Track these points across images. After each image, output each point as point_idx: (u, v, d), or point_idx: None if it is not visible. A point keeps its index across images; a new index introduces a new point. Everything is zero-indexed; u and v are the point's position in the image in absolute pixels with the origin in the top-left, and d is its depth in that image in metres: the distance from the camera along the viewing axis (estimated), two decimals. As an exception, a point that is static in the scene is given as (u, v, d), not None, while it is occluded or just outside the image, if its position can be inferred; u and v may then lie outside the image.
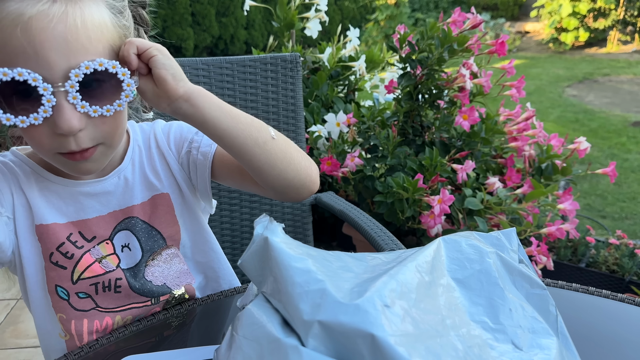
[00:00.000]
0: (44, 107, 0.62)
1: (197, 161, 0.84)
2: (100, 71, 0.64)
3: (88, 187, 0.79)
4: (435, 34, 1.72)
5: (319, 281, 0.49)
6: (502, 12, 11.96)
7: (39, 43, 0.60)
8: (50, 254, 0.77)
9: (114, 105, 0.66)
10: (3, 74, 0.59)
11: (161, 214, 0.84)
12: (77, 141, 0.66)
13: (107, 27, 0.67)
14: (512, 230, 0.67)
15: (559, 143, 1.84)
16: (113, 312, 0.81)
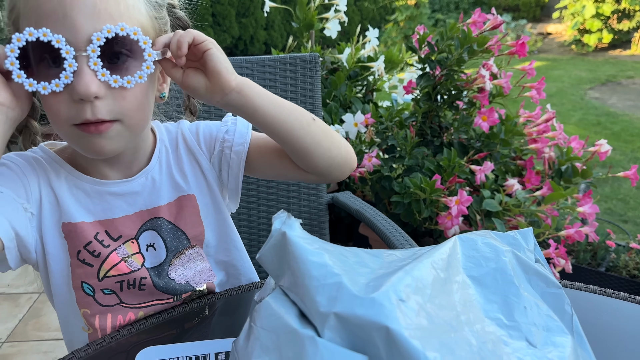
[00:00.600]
0: (65, 73, 0.63)
1: (230, 160, 0.86)
2: (122, 38, 0.64)
3: (116, 187, 0.79)
4: (455, 35, 1.72)
5: (336, 275, 0.50)
6: (524, 13, 11.83)
7: (69, 4, 0.62)
8: (77, 252, 0.78)
9: (135, 76, 0.66)
10: (29, 34, 0.61)
11: (187, 214, 0.85)
12: (94, 110, 0.65)
13: (140, 11, 0.69)
14: (529, 230, 0.67)
15: (580, 145, 1.82)
16: (136, 308, 0.83)
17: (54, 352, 2.04)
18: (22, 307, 2.29)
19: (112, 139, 0.70)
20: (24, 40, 0.61)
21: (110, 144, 0.70)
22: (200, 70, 0.72)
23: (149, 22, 0.70)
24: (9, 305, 2.31)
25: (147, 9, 0.70)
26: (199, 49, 0.70)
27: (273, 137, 0.80)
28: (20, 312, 2.26)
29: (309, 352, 0.44)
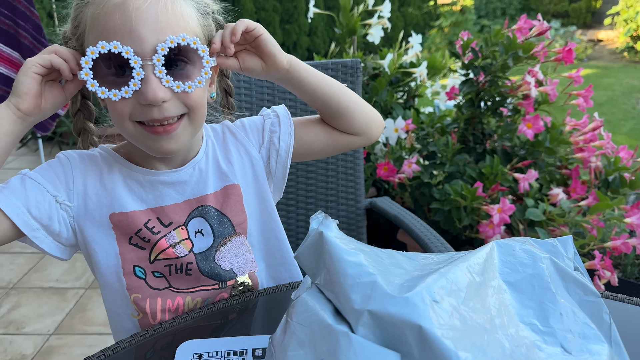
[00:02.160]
0: (134, 80, 0.70)
1: (279, 148, 0.93)
2: (183, 48, 0.72)
3: (166, 176, 0.85)
4: (500, 41, 1.70)
5: (370, 274, 0.51)
6: (574, 19, 11.49)
7: (134, 19, 0.69)
8: (129, 238, 0.84)
9: (195, 82, 0.74)
10: (101, 47, 0.69)
11: (232, 202, 0.90)
12: (162, 110, 0.73)
13: (193, 20, 0.76)
14: (569, 238, 0.66)
15: (628, 155, 1.76)
16: (184, 292, 0.88)
17: (98, 345, 2.12)
18: (69, 302, 2.39)
19: (178, 137, 0.77)
20: (97, 53, 0.69)
21: (176, 143, 0.78)
22: (253, 52, 0.82)
23: (201, 29, 0.78)
24: (57, 299, 2.41)
25: (199, 18, 0.78)
26: (252, 35, 0.80)
27: (318, 103, 0.91)
28: (67, 306, 2.36)
29: (342, 347, 0.46)
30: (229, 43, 0.78)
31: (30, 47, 2.51)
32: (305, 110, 1.46)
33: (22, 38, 2.48)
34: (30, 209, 0.77)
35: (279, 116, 0.95)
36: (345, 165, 1.51)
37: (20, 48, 2.49)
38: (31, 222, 0.77)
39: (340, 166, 1.51)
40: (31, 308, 2.35)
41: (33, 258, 2.68)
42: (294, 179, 1.50)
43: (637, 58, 9.45)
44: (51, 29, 4.20)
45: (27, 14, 2.48)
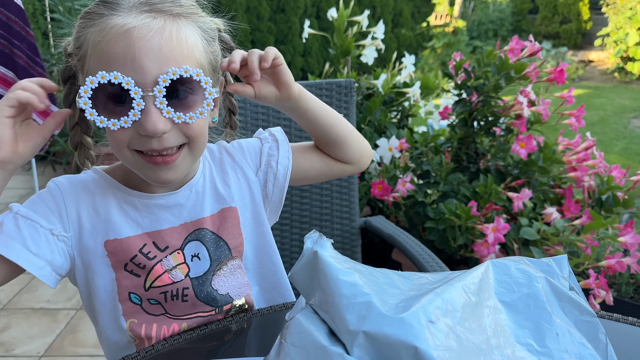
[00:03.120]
0: (134, 111, 0.69)
1: (277, 172, 0.93)
2: (186, 79, 0.70)
3: (162, 199, 0.84)
4: (492, 62, 1.72)
5: (365, 294, 0.50)
6: (565, 40, 11.67)
7: (137, 49, 0.68)
8: (124, 265, 0.82)
9: (196, 113, 0.72)
10: (101, 77, 0.67)
11: (229, 225, 0.89)
12: (161, 141, 0.72)
13: (198, 49, 0.75)
14: (564, 257, 0.66)
15: (621, 174, 1.77)
16: (180, 319, 0.86)
17: (89, 367, 2.09)
18: (60, 323, 2.35)
19: (177, 167, 0.76)
20: (96, 83, 0.68)
21: (175, 173, 0.77)
22: (269, 81, 0.83)
23: (206, 57, 0.77)
24: (47, 320, 2.37)
25: (204, 45, 0.76)
26: (274, 64, 0.81)
27: (318, 131, 0.94)
28: (58, 327, 2.32)
29: (337, 369, 0.45)
30: (257, 69, 0.77)
31: (25, 66, 2.52)
32: (298, 130, 1.47)
33: (17, 58, 2.49)
34: (30, 248, 0.75)
35: (277, 140, 0.95)
36: (340, 184, 1.51)
37: (15, 68, 2.50)
38: (36, 261, 0.75)
39: (335, 185, 1.51)
40: (21, 329, 2.32)
41: (24, 278, 2.65)
42: (288, 197, 1.49)
43: (628, 78, 9.58)
44: (46, 49, 4.22)
45: (23, 34, 2.49)
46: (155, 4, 0.72)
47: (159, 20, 0.70)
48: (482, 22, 11.36)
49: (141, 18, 0.70)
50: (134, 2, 0.72)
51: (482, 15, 11.49)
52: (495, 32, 11.37)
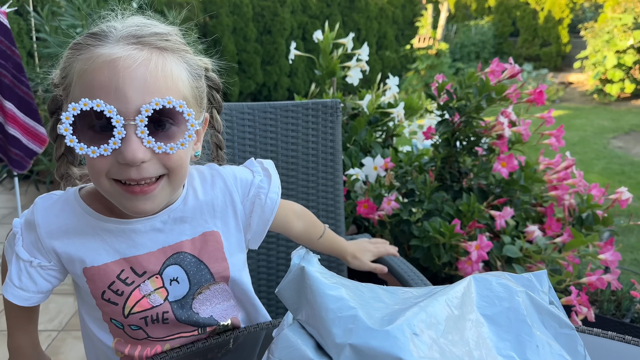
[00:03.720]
0: (114, 139, 0.69)
1: (264, 204, 0.92)
2: (168, 110, 0.70)
3: (139, 224, 0.83)
4: (474, 83, 1.76)
5: (352, 308, 0.52)
6: (545, 62, 11.94)
7: (121, 78, 0.68)
8: (102, 292, 0.83)
9: (177, 143, 0.72)
10: (84, 104, 0.68)
11: (210, 249, 0.88)
12: (140, 171, 0.71)
13: (183, 82, 0.75)
14: (543, 273, 0.68)
15: (600, 193, 1.81)
16: (163, 340, 0.88)
17: (71, 390, 2.05)
18: (42, 344, 2.32)
19: (155, 198, 0.75)
20: (78, 109, 0.68)
21: (152, 204, 0.76)
22: None
23: (190, 91, 0.77)
24: None
25: (189, 79, 0.77)
26: None
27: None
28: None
29: (324, 381, 0.46)
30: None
31: (10, 85, 2.51)
32: (284, 162, 1.49)
33: (3, 77, 2.49)
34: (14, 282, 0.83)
35: (270, 175, 0.94)
36: (326, 202, 1.53)
37: (0, 86, 2.50)
38: (20, 294, 0.83)
39: (321, 203, 1.53)
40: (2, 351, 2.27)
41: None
42: (274, 216, 1.50)
43: (607, 100, 9.80)
44: (32, 68, 4.21)
45: (8, 53, 2.49)
46: (142, 37, 0.73)
47: (145, 52, 0.71)
48: (464, 45, 11.58)
49: (128, 49, 0.70)
50: (122, 34, 0.72)
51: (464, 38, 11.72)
52: (477, 54, 11.60)
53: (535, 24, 12.07)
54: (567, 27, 11.78)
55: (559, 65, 11.92)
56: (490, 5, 13.14)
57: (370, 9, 9.18)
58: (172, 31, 0.78)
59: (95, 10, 3.43)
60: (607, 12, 10.06)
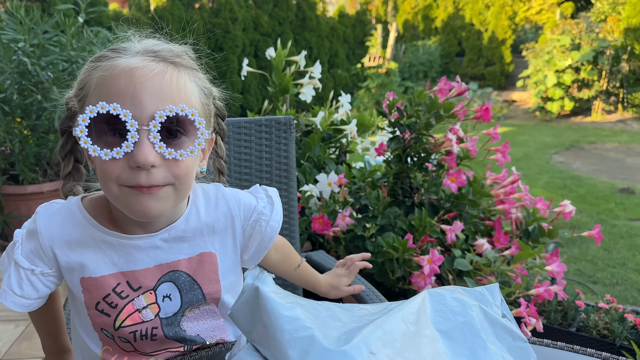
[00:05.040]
0: (127, 143, 0.71)
1: (264, 232, 0.94)
2: (180, 118, 0.73)
3: (139, 240, 0.84)
4: (423, 101, 1.80)
5: (308, 328, 0.50)
6: (490, 81, 12.41)
7: (138, 86, 0.72)
8: (96, 303, 0.84)
9: (187, 151, 0.75)
10: (101, 107, 0.70)
11: (205, 270, 0.90)
12: (149, 177, 0.73)
13: (195, 96, 0.79)
14: (495, 286, 0.69)
15: (545, 206, 1.88)
16: (150, 355, 0.89)
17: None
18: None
19: (160, 200, 0.76)
20: (95, 112, 0.71)
21: (157, 205, 0.76)
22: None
23: (201, 107, 0.81)
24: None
25: (200, 96, 0.81)
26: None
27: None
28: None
29: (280, 405, 0.44)
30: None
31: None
32: (238, 177, 1.47)
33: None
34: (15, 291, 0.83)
35: (273, 203, 0.96)
36: (280, 220, 1.51)
37: None
38: (22, 302, 0.84)
39: (275, 221, 1.51)
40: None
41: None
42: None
43: (548, 117, 10.27)
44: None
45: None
46: (159, 52, 0.77)
47: (161, 65, 0.75)
48: (413, 64, 11.91)
49: (146, 60, 0.75)
50: (140, 49, 0.77)
51: (412, 57, 12.05)
52: (425, 73, 11.93)
53: (480, 44, 12.56)
54: (510, 47, 12.32)
55: (503, 84, 12.43)
56: (437, 26, 13.59)
57: (322, 27, 9.31)
58: (186, 50, 0.84)
59: (38, 24, 3.29)
60: (546, 33, 10.61)
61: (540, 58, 10.31)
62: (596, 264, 3.57)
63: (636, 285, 3.24)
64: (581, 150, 7.74)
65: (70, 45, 3.26)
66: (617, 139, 8.41)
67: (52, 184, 3.55)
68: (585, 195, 5.24)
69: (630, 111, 9.97)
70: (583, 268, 3.50)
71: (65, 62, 3.29)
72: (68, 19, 3.26)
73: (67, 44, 3.25)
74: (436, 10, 13.84)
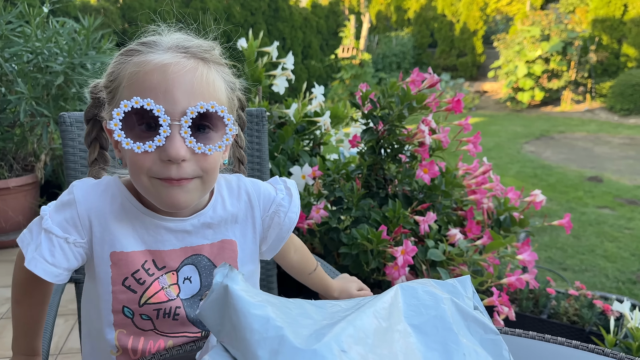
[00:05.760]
0: (159, 137, 0.74)
1: (282, 223, 0.98)
2: (210, 114, 0.77)
3: (171, 223, 0.88)
4: (395, 93, 1.80)
5: (278, 328, 0.49)
6: (462, 72, 12.54)
7: (171, 82, 0.75)
8: (124, 279, 0.86)
9: (215, 146, 0.78)
10: (135, 102, 0.73)
11: (225, 257, 0.94)
12: (179, 170, 0.77)
13: (222, 93, 0.83)
14: (467, 278, 0.69)
15: (516, 196, 1.90)
16: (167, 336, 0.90)
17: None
18: None
19: (189, 192, 0.80)
20: (129, 107, 0.74)
21: (186, 196, 0.80)
22: None
23: (227, 102, 0.85)
24: None
25: (227, 91, 0.85)
26: None
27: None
28: None
29: (249, 408, 0.43)
30: None
31: None
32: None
33: None
34: (47, 259, 0.81)
35: (291, 194, 1.00)
36: (253, 214, 1.50)
37: None
38: (52, 270, 0.81)
39: (248, 215, 1.49)
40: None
41: None
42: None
43: (519, 107, 10.44)
44: None
45: None
46: (189, 48, 0.81)
47: (192, 61, 0.78)
48: (386, 55, 11.94)
49: (177, 57, 0.78)
50: (171, 45, 0.80)
51: (386, 48, 12.09)
52: (398, 64, 11.98)
53: (452, 35, 12.66)
54: (482, 38, 12.46)
55: (475, 75, 12.57)
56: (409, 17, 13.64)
57: (295, 18, 9.24)
58: (214, 46, 0.87)
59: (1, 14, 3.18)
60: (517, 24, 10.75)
61: (510, 49, 10.45)
62: (566, 251, 3.65)
63: (604, 271, 3.33)
64: (551, 139, 7.90)
65: (35, 36, 3.16)
66: (585, 128, 8.60)
67: (19, 179, 3.45)
68: (555, 184, 5.35)
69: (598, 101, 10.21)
70: (553, 255, 3.58)
71: (30, 54, 3.20)
72: (32, 9, 3.16)
73: (31, 35, 3.15)
74: (409, 1, 13.88)
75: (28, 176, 3.51)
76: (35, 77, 3.18)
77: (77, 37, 3.29)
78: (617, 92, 9.42)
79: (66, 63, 3.20)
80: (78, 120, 1.24)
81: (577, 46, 9.88)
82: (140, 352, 0.89)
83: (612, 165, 6.22)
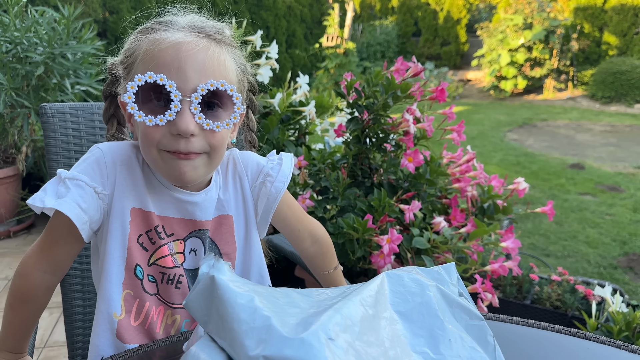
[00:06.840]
0: (170, 112, 0.78)
1: (269, 193, 0.98)
2: (220, 92, 0.80)
3: (183, 195, 0.91)
4: (380, 82, 1.80)
5: (265, 317, 0.50)
6: (445, 61, 12.57)
7: (184, 59, 0.78)
8: (139, 236, 0.88)
9: (223, 123, 0.81)
10: (149, 77, 0.77)
11: (223, 232, 0.96)
12: (187, 144, 0.80)
13: (233, 73, 0.86)
14: (452, 265, 0.70)
15: (499, 184, 1.93)
16: (167, 305, 0.92)
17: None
18: None
19: (195, 168, 0.83)
20: (143, 81, 0.77)
21: (192, 171, 0.83)
22: None
23: (237, 82, 0.88)
24: None
25: (238, 72, 0.88)
26: None
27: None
28: None
29: (237, 397, 0.44)
30: None
31: None
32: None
33: None
34: (80, 204, 0.81)
35: (281, 163, 1.00)
36: (238, 204, 1.49)
37: None
38: (82, 216, 0.81)
39: (233, 206, 1.49)
40: None
41: None
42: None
43: (502, 96, 10.51)
44: None
45: None
46: (203, 28, 0.84)
47: (205, 41, 0.82)
48: (370, 44, 11.92)
49: (191, 36, 0.81)
50: (185, 24, 0.84)
51: (370, 37, 12.06)
52: (383, 53, 11.97)
53: (435, 24, 12.67)
54: (465, 27, 12.48)
55: (458, 64, 12.61)
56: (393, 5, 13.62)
57: (279, 7, 9.17)
58: (226, 28, 0.90)
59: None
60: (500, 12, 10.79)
61: (494, 37, 10.49)
62: (549, 237, 3.71)
63: (586, 257, 3.39)
64: (534, 127, 7.97)
65: (13, 26, 3.10)
66: (567, 116, 8.70)
67: (0, 172, 3.39)
68: (537, 171, 5.42)
69: (580, 89, 10.32)
70: (536, 242, 3.63)
71: (9, 44, 3.13)
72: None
73: (10, 25, 3.09)
74: (393, -10, 13.85)
75: (9, 168, 3.45)
76: (14, 68, 3.12)
77: (57, 27, 3.23)
78: (598, 80, 9.53)
79: (46, 53, 3.14)
80: (59, 111, 1.22)
81: (559, 34, 9.96)
82: (142, 317, 0.90)
83: (593, 153, 6.31)
